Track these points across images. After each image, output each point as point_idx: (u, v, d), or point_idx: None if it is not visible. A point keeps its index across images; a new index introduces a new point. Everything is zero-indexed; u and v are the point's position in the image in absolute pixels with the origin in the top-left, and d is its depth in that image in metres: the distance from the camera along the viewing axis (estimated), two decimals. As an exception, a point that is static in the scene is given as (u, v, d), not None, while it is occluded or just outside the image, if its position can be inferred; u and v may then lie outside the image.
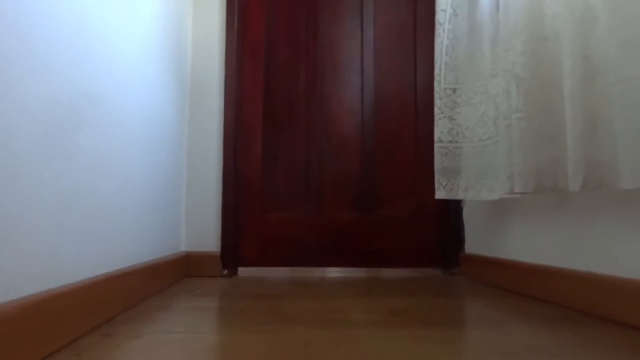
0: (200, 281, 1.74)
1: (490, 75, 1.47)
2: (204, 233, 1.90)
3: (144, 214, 1.39)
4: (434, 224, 2.00)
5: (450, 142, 1.63)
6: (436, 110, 1.66)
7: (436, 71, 1.69)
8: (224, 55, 1.98)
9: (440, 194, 1.64)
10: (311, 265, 1.96)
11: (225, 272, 1.87)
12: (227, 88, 1.96)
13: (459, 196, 1.61)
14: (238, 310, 1.20)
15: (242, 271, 1.95)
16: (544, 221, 1.37)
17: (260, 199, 1.98)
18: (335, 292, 1.50)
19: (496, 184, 1.45)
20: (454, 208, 1.97)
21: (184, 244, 1.88)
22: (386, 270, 1.98)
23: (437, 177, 1.64)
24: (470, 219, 1.92)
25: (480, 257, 1.78)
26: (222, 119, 1.95)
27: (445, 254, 1.98)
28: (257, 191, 1.98)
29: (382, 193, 2.01)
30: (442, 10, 1.68)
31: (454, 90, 1.65)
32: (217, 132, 1.94)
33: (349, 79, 2.05)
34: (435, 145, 1.65)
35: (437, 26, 1.69)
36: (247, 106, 2.01)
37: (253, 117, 2.01)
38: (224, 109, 1.96)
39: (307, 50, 2.05)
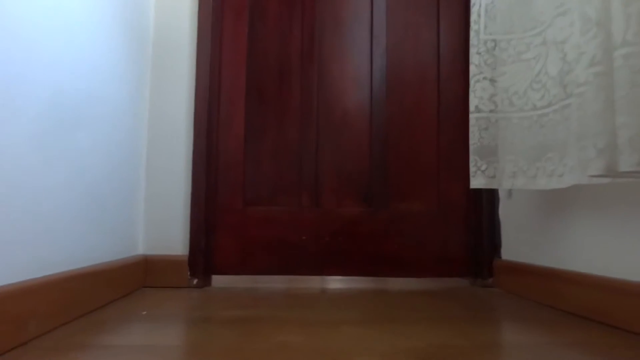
0: (160, 294, 1.33)
1: (555, 14, 1.05)
2: (168, 232, 1.48)
3: (67, 206, 0.98)
4: (461, 223, 1.58)
5: (492, 111, 1.21)
6: (472, 69, 1.24)
7: (473, 18, 1.27)
8: (197, 7, 1.56)
9: (477, 182, 1.22)
10: (305, 273, 1.55)
11: (195, 281, 1.46)
12: (201, 50, 1.54)
13: (505, 185, 1.19)
14: (184, 351, 0.79)
15: (217, 280, 1.53)
16: (633, 220, 0.96)
17: (242, 189, 1.57)
18: (335, 314, 1.08)
19: (562, 166, 1.04)
20: (487, 202, 1.55)
21: (141, 246, 1.47)
22: (400, 281, 1.56)
23: (474, 159, 1.22)
24: (509, 216, 1.50)
25: (523, 266, 1.36)
26: (193, 88, 1.53)
27: (475, 261, 1.56)
28: (237, 180, 1.57)
29: (396, 183, 1.60)
30: (481, -62, 1.26)
31: (497, 43, 1.23)
32: (187, 105, 1.53)
33: (354, 39, 1.63)
34: (471, 116, 1.23)
35: (474, -42, 1.27)
36: (226, 73, 1.59)
37: (233, 87, 1.59)
38: (195, 76, 1.54)
39: (302, 2, 1.63)
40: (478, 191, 1.55)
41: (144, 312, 1.06)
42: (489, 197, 1.55)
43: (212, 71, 1.55)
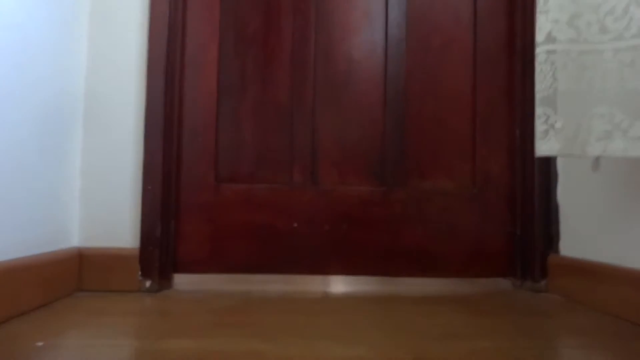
0: (94, 304, 0.96)
1: None
2: (112, 217, 1.11)
3: None
4: (504, 206, 1.20)
5: (573, 41, 0.81)
6: (542, -20, 0.84)
7: None
8: None
9: (548, 147, 0.83)
10: (298, 272, 1.18)
11: (148, 284, 1.08)
12: (159, -26, 1.14)
13: (591, 151, 0.80)
14: None
15: (181, 281, 1.16)
16: None
17: (214, 161, 1.18)
18: (334, 348, 0.71)
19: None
20: (540, 179, 1.16)
21: (76, 236, 1.09)
22: (422, 282, 1.19)
23: (544, 112, 0.83)
24: (571, 198, 1.12)
25: (593, 266, 0.98)
26: (147, 26, 1.13)
27: (522, 257, 1.18)
28: (207, 148, 1.18)
29: (417, 153, 1.21)
30: None
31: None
32: (137, 48, 1.13)
33: (364, -37, 1.23)
34: (540, 50, 0.83)
35: None
36: (194, 5, 1.20)
37: (203, 25, 1.20)
38: (149, 9, 1.14)
39: None
40: (528, 164, 1.16)
41: (40, 344, 0.69)
42: (543, 173, 1.16)
43: (174, 3, 1.15)
